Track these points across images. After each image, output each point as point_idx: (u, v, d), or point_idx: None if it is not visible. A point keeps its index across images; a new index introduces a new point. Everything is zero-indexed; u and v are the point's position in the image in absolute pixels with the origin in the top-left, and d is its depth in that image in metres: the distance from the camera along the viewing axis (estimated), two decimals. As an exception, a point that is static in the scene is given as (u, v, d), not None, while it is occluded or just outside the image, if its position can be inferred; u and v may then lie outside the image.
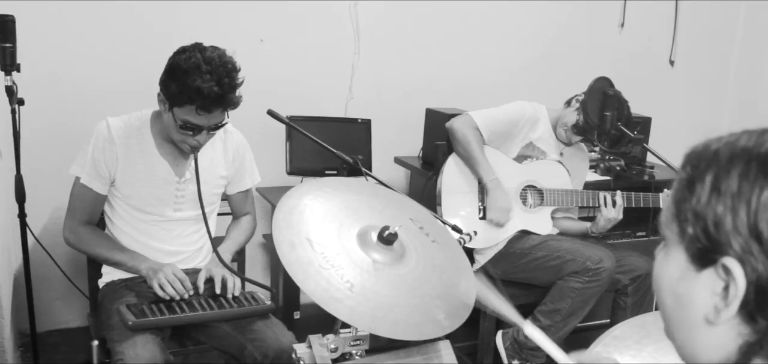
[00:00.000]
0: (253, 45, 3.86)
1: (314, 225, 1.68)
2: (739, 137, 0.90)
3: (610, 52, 4.77)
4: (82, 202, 2.54)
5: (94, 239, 2.57)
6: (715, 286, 0.86)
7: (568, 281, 3.09)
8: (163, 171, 2.54)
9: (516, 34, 4.48)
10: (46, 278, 3.52)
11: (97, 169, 2.48)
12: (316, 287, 1.51)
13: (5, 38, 2.67)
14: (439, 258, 1.78)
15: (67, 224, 2.57)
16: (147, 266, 2.49)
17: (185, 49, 2.33)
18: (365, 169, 2.46)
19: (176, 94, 2.30)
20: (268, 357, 2.36)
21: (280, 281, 3.85)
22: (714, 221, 0.85)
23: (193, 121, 2.33)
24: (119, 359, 2.19)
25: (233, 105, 2.37)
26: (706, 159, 0.89)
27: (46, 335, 3.63)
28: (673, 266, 0.92)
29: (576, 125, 3.28)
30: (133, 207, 2.54)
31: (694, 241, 0.88)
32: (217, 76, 2.25)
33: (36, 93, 3.07)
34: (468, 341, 3.35)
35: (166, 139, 2.52)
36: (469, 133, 3.18)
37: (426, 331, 1.60)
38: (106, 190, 2.52)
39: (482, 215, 3.20)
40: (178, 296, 2.41)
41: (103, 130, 2.48)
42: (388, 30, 4.19)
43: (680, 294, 0.91)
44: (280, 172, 3.67)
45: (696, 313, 0.89)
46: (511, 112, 3.29)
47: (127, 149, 2.49)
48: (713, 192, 0.86)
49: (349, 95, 4.17)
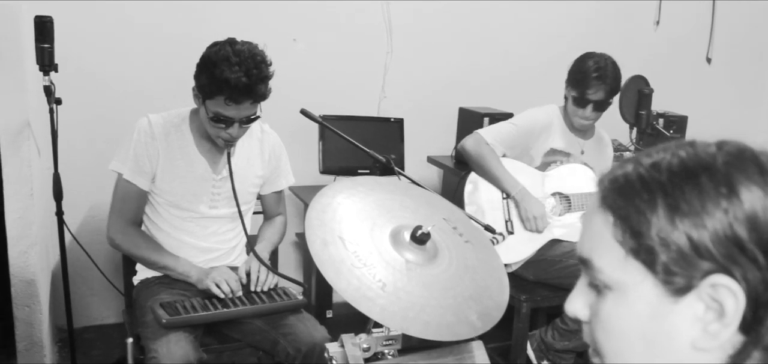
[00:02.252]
0: (287, 45, 3.88)
1: (347, 224, 1.67)
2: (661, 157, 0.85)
3: (646, 50, 4.71)
4: (126, 199, 2.55)
5: (142, 241, 2.58)
6: (697, 310, 0.82)
7: None
8: (201, 168, 2.56)
9: (550, 32, 4.45)
10: (82, 274, 3.57)
11: (140, 164, 2.50)
12: (348, 285, 1.51)
13: (43, 39, 2.72)
14: (472, 258, 1.77)
15: (113, 223, 2.57)
16: (197, 272, 2.52)
17: (217, 43, 2.37)
18: (398, 169, 2.45)
19: (206, 85, 2.33)
20: (300, 352, 2.37)
21: (312, 279, 3.86)
22: (688, 244, 0.80)
23: (223, 112, 2.35)
24: (153, 357, 2.21)
25: (262, 97, 2.38)
26: (641, 185, 0.84)
27: (83, 331, 3.68)
28: (639, 307, 0.85)
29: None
30: (169, 203, 2.57)
31: (668, 270, 0.82)
32: (246, 67, 2.28)
33: (73, 92, 3.12)
34: (501, 341, 3.33)
35: (204, 136, 2.54)
36: (482, 150, 3.14)
37: (458, 332, 1.58)
38: (148, 186, 2.55)
39: (510, 229, 3.17)
40: (230, 293, 2.44)
41: (145, 126, 2.51)
42: (420, 28, 4.18)
43: (653, 333, 0.85)
44: (313, 171, 3.68)
45: (679, 346, 0.83)
46: (522, 123, 3.24)
47: (167, 145, 2.52)
48: (674, 215, 0.81)
49: (382, 94, 4.17)
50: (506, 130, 3.20)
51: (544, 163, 3.26)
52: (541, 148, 3.24)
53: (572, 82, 3.18)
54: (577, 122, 3.23)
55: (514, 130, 3.20)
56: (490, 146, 3.14)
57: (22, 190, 2.93)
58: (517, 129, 3.21)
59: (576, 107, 3.17)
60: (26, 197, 2.94)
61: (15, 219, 2.95)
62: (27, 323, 3.05)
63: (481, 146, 3.14)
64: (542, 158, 3.25)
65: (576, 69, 3.18)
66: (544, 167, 3.26)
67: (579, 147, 3.31)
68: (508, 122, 3.26)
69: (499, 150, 3.17)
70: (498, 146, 3.16)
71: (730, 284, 0.80)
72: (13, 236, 2.96)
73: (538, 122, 3.24)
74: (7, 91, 2.85)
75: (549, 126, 3.25)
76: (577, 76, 3.15)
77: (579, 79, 3.13)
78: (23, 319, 3.04)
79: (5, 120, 2.86)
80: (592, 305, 0.93)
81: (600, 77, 3.09)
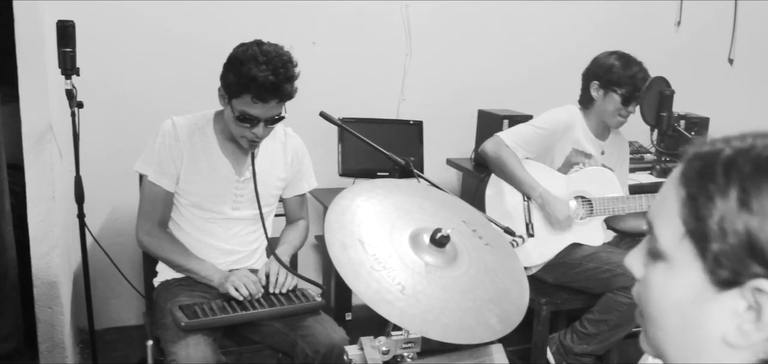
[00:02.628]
0: (306, 48, 3.88)
1: (366, 226, 1.67)
2: (752, 144, 0.84)
3: (666, 51, 4.66)
4: (152, 201, 2.57)
5: (170, 244, 2.60)
6: (738, 307, 0.81)
7: (616, 295, 3.02)
8: (225, 169, 2.57)
9: (570, 33, 4.42)
10: (103, 276, 3.60)
11: (163, 167, 2.52)
12: (368, 288, 1.51)
13: (65, 43, 2.74)
14: (491, 261, 1.76)
15: (141, 225, 2.60)
16: (219, 276, 2.53)
17: (244, 43, 2.41)
18: (417, 171, 2.45)
19: (233, 83, 2.35)
20: (319, 353, 2.38)
21: (331, 282, 3.87)
22: (746, 241, 0.79)
23: (249, 111, 2.37)
24: (172, 360, 2.22)
25: (288, 96, 2.41)
26: (722, 169, 0.83)
27: (104, 332, 3.70)
28: (683, 287, 0.85)
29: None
30: (192, 204, 2.58)
31: (718, 261, 0.81)
32: (273, 66, 2.31)
33: (94, 96, 3.14)
34: (521, 344, 3.32)
35: (228, 137, 2.56)
36: (503, 153, 3.12)
37: (478, 335, 1.58)
38: (173, 187, 2.56)
39: (530, 232, 3.15)
40: (250, 295, 2.45)
41: (169, 128, 2.53)
42: (439, 31, 4.18)
43: (690, 315, 0.85)
44: (333, 173, 3.69)
45: (710, 335, 0.84)
46: (543, 124, 3.20)
47: (191, 147, 2.54)
48: (742, 209, 0.79)
49: (401, 97, 4.17)
50: (527, 132, 3.18)
51: (566, 165, 3.23)
52: (563, 150, 3.22)
53: (616, 82, 3.15)
54: (615, 122, 3.22)
55: (535, 132, 3.18)
56: (510, 149, 3.12)
57: (44, 193, 2.96)
58: (538, 130, 3.18)
59: (623, 105, 3.17)
60: (48, 199, 2.97)
61: (37, 221, 2.97)
62: (49, 325, 3.08)
63: (502, 149, 3.13)
64: (564, 160, 3.23)
65: (616, 69, 3.15)
66: (566, 169, 3.23)
67: (599, 148, 3.29)
68: (529, 124, 3.23)
69: (520, 153, 3.15)
70: (519, 149, 3.14)
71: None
72: (36, 238, 2.98)
73: (559, 123, 3.21)
74: (30, 95, 2.87)
75: (571, 127, 3.22)
76: (624, 77, 3.14)
77: (629, 81, 3.13)
78: (45, 320, 3.07)
79: (28, 124, 2.89)
80: (646, 266, 0.93)
81: (644, 77, 3.16)
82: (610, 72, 3.16)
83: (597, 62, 3.23)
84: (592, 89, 3.21)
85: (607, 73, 3.18)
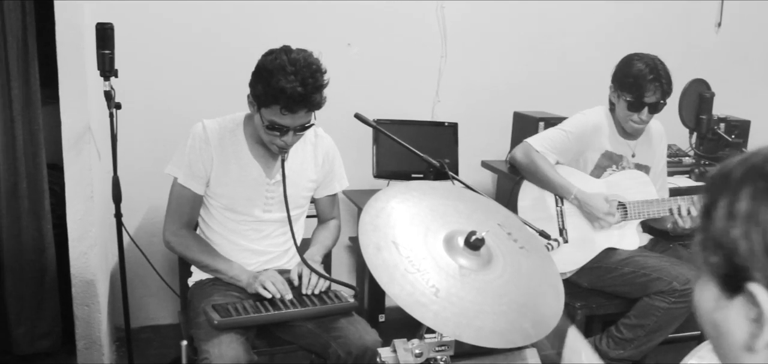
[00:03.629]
0: (341, 49, 3.90)
1: (400, 229, 1.67)
2: (752, 155, 0.86)
3: (707, 53, 4.60)
4: (181, 203, 2.59)
5: (197, 245, 2.61)
6: (749, 313, 0.83)
7: (653, 299, 2.97)
8: (255, 172, 2.58)
9: (607, 35, 4.37)
10: (140, 276, 3.64)
11: (193, 170, 2.54)
12: (401, 290, 1.50)
13: (104, 45, 2.77)
14: (526, 265, 1.75)
15: (168, 226, 2.62)
16: (247, 276, 2.54)
17: (272, 52, 2.37)
18: (452, 173, 2.44)
19: (262, 94, 2.34)
20: (351, 355, 2.37)
21: (365, 283, 3.86)
22: (731, 247, 0.82)
23: (278, 121, 2.36)
24: (205, 358, 2.23)
25: (317, 106, 2.39)
26: (720, 183, 0.86)
27: (139, 330, 3.74)
28: (707, 296, 0.88)
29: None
30: (223, 207, 2.59)
31: (717, 270, 0.85)
32: (302, 76, 2.28)
33: (132, 98, 3.17)
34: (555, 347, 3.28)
35: (258, 140, 2.56)
36: (534, 157, 3.09)
37: (511, 339, 1.56)
38: (202, 190, 2.58)
39: (565, 238, 3.11)
40: (279, 294, 2.45)
41: (199, 132, 2.54)
42: (475, 32, 4.16)
43: (718, 323, 0.88)
44: (367, 175, 3.69)
45: (735, 341, 0.85)
46: (572, 128, 3.15)
47: (222, 150, 2.55)
48: (728, 217, 0.83)
49: (436, 98, 4.16)
50: (556, 136, 3.14)
51: (598, 168, 3.19)
52: (594, 153, 3.17)
53: (624, 86, 3.07)
54: (630, 127, 3.14)
55: (565, 136, 3.14)
56: (540, 154, 3.09)
57: (82, 192, 3.00)
58: (567, 134, 3.14)
59: (630, 112, 3.09)
60: (87, 199, 3.01)
61: (76, 221, 3.02)
62: (87, 322, 3.12)
63: (532, 154, 3.09)
64: (596, 164, 3.18)
65: (625, 72, 3.07)
66: (599, 172, 3.19)
67: (630, 150, 3.23)
68: (557, 128, 3.19)
69: (551, 158, 3.11)
70: (549, 154, 3.10)
71: (760, 295, 0.80)
72: (74, 237, 3.03)
73: (588, 125, 3.16)
74: (70, 96, 2.92)
75: (600, 128, 3.16)
76: (629, 79, 3.04)
77: (632, 83, 3.03)
78: (83, 318, 3.12)
79: (68, 125, 2.94)
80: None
81: (655, 78, 3.01)
82: (623, 74, 3.10)
83: (618, 64, 3.16)
84: (610, 92, 3.18)
85: (619, 74, 3.12)
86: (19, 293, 3.21)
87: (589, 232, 3.12)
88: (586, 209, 3.07)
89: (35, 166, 3.14)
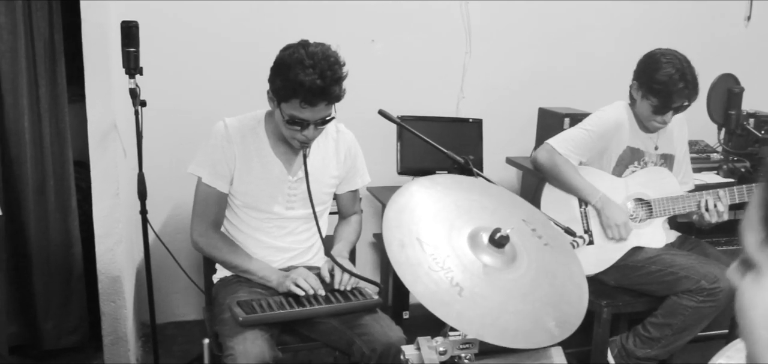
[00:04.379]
0: (365, 45, 3.89)
1: (424, 225, 1.66)
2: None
3: (736, 47, 4.52)
4: (207, 202, 2.59)
5: (225, 246, 2.61)
6: None
7: (681, 298, 2.93)
8: (277, 169, 2.58)
9: (635, 29, 4.32)
10: (165, 272, 3.66)
11: (217, 168, 2.54)
12: (425, 289, 1.49)
13: (129, 43, 2.79)
14: (551, 263, 1.73)
15: (195, 227, 2.61)
16: (277, 277, 2.54)
17: (290, 46, 2.38)
18: (476, 170, 2.42)
19: (281, 88, 2.34)
20: (375, 352, 2.36)
21: (389, 279, 3.86)
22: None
23: (298, 115, 2.36)
24: (229, 354, 2.23)
25: (336, 98, 2.38)
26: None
27: (164, 326, 3.77)
28: (764, 295, 0.82)
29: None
30: (246, 205, 2.60)
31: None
32: (320, 69, 2.28)
33: (157, 95, 3.19)
34: (580, 346, 3.25)
35: (279, 138, 2.56)
36: (556, 161, 3.06)
37: (536, 339, 1.54)
38: (227, 188, 2.58)
39: (590, 240, 3.08)
40: (312, 291, 2.45)
41: (221, 130, 2.54)
42: (499, 28, 4.13)
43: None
44: (391, 171, 3.68)
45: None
46: (594, 127, 3.10)
47: (244, 148, 2.55)
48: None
49: (461, 94, 4.14)
50: (578, 136, 3.10)
51: (620, 165, 3.15)
52: (617, 149, 3.13)
53: (651, 90, 3.00)
54: (652, 126, 3.10)
55: (587, 136, 3.09)
56: (563, 156, 3.06)
57: (108, 189, 3.02)
58: (589, 133, 3.09)
59: (655, 114, 3.04)
60: (112, 196, 3.03)
61: (102, 217, 3.04)
62: (113, 318, 3.15)
63: (555, 157, 3.06)
64: (617, 160, 3.14)
65: (652, 77, 2.99)
66: (621, 169, 3.15)
67: (652, 143, 3.19)
68: (578, 127, 3.14)
69: (574, 159, 3.07)
70: (572, 155, 3.06)
71: None
72: (101, 233, 3.05)
73: (610, 122, 3.11)
74: (96, 94, 2.94)
75: (621, 124, 3.11)
76: (657, 85, 2.97)
77: (661, 90, 2.96)
78: (109, 314, 3.14)
79: (94, 122, 2.96)
80: (741, 277, 0.89)
81: (685, 86, 2.94)
82: (650, 76, 3.01)
83: (643, 61, 3.10)
84: (632, 89, 3.12)
85: (646, 75, 3.04)
86: (46, 289, 3.24)
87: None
88: (604, 214, 3.04)
89: (62, 164, 3.17)
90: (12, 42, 2.96)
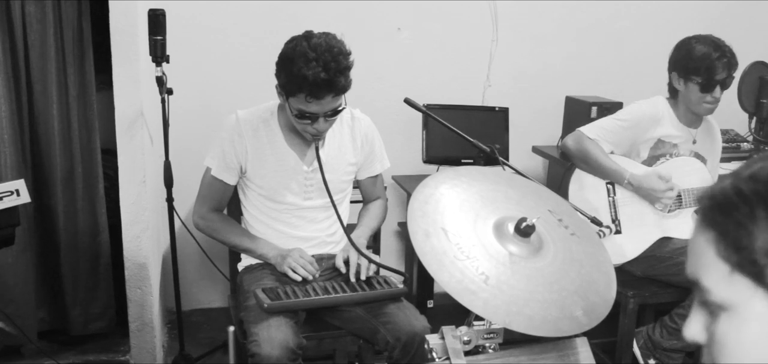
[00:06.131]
0: (391, 33, 3.87)
1: (450, 215, 1.65)
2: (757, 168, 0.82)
3: (768, 36, 4.46)
4: (210, 191, 2.62)
5: (223, 226, 2.65)
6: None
7: None
8: (292, 161, 2.57)
9: (663, 18, 4.26)
10: (191, 259, 3.69)
11: (227, 161, 2.55)
12: (451, 278, 1.48)
13: (156, 31, 2.81)
14: (577, 252, 1.71)
15: (196, 209, 2.66)
16: (275, 254, 2.55)
17: (293, 39, 2.35)
18: (502, 159, 2.40)
19: (286, 83, 2.33)
20: (400, 341, 2.36)
21: (414, 269, 3.85)
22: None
23: (305, 109, 2.34)
24: (254, 341, 2.24)
25: (343, 89, 2.35)
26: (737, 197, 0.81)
27: (190, 313, 3.80)
28: (752, 324, 0.81)
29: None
30: (265, 196, 2.60)
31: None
32: (324, 61, 2.24)
33: (184, 83, 3.21)
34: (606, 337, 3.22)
35: (292, 129, 2.54)
36: (585, 145, 3.02)
37: (563, 328, 1.53)
38: (235, 180, 2.59)
39: (618, 229, 3.05)
40: (309, 276, 2.46)
41: (233, 123, 2.54)
42: (526, 16, 4.10)
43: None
44: (416, 160, 3.67)
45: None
46: (627, 117, 3.08)
47: (257, 140, 2.54)
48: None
49: (487, 83, 4.11)
50: (610, 125, 3.07)
51: (652, 157, 3.11)
52: (648, 142, 3.09)
53: (691, 70, 2.98)
54: (703, 109, 3.04)
55: (619, 125, 3.06)
56: (593, 141, 3.03)
57: (135, 177, 3.04)
58: (622, 123, 3.07)
59: (703, 93, 3.00)
60: (139, 183, 3.05)
61: (129, 205, 3.06)
62: (139, 305, 3.17)
63: (584, 141, 3.03)
64: (650, 151, 3.11)
65: (689, 57, 2.98)
66: (651, 161, 3.11)
67: (690, 137, 3.15)
68: (611, 118, 3.11)
69: (604, 147, 3.04)
70: (602, 142, 3.03)
71: None
72: (127, 221, 3.08)
73: (644, 115, 3.08)
74: (123, 82, 2.96)
75: (658, 118, 3.08)
76: (696, 63, 2.96)
77: (700, 66, 2.95)
78: (136, 300, 3.17)
79: (121, 110, 2.98)
80: (709, 328, 0.88)
81: (722, 55, 2.93)
82: (686, 59, 3.00)
83: (676, 50, 3.07)
84: (673, 80, 3.08)
85: (683, 60, 3.02)
86: (74, 275, 3.28)
87: (642, 222, 3.05)
88: (642, 192, 3.00)
89: (90, 151, 3.20)
90: (41, 31, 2.99)
